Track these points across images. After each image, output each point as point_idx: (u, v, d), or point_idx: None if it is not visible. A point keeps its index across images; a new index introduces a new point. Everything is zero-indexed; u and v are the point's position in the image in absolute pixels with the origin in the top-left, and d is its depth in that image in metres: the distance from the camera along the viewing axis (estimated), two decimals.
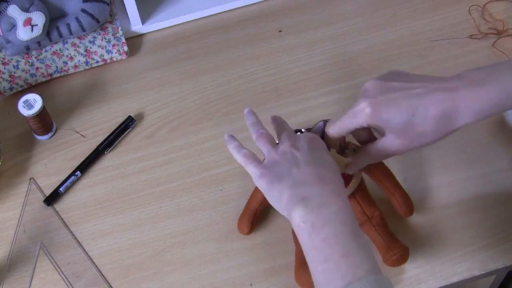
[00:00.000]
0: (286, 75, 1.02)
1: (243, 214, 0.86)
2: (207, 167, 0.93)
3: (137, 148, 0.96)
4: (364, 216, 0.83)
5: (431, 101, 0.69)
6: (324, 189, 0.68)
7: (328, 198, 0.67)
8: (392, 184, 0.84)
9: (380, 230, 0.82)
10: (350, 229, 0.65)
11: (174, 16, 1.08)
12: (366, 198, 0.84)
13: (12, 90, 1.01)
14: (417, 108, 0.70)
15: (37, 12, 0.97)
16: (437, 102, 0.69)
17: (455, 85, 0.70)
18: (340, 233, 0.65)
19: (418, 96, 0.70)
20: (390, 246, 0.81)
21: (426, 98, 0.70)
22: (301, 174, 0.69)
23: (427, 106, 0.69)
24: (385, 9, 1.08)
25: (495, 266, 0.83)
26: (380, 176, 0.84)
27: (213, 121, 0.98)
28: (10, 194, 0.93)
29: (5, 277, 0.86)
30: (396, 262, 0.81)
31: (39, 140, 0.97)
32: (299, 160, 0.70)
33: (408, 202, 0.84)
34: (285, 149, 0.72)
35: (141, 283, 0.85)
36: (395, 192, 0.84)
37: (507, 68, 0.70)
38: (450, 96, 0.69)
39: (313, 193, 0.67)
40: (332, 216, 0.66)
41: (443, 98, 0.69)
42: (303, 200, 0.67)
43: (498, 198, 0.88)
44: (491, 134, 0.93)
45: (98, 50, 1.03)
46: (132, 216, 0.90)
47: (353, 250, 0.64)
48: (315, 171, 0.69)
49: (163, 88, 1.02)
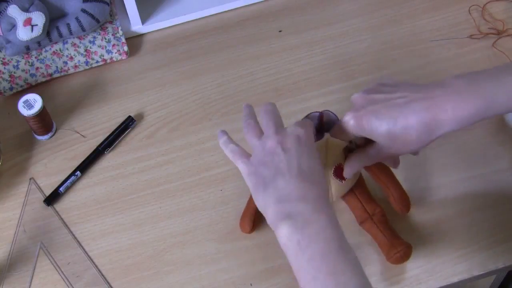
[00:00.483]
0: (286, 75, 1.02)
1: (245, 213, 0.86)
2: (207, 167, 0.93)
3: (137, 148, 0.96)
4: (365, 213, 0.83)
5: (410, 111, 0.70)
6: (308, 206, 0.67)
7: (312, 216, 0.66)
8: (389, 180, 0.84)
9: (382, 227, 0.82)
10: (337, 245, 0.65)
11: (174, 16, 1.08)
12: (366, 195, 0.84)
13: (12, 90, 1.01)
14: (396, 118, 0.71)
15: (37, 12, 0.97)
16: (417, 112, 0.70)
17: (436, 94, 0.70)
18: (326, 251, 0.64)
19: (398, 107, 0.71)
20: (393, 243, 0.81)
21: (405, 108, 0.71)
22: (286, 187, 0.68)
23: (407, 116, 0.70)
24: (385, 9, 1.08)
25: (495, 266, 0.83)
26: (377, 171, 0.84)
27: (213, 121, 0.98)
28: (10, 194, 0.93)
29: (5, 277, 0.86)
30: (400, 260, 0.81)
31: (39, 140, 0.97)
32: (285, 167, 0.69)
33: (404, 199, 0.83)
34: (272, 147, 0.71)
35: (141, 283, 0.85)
36: (391, 187, 0.83)
37: (488, 76, 0.70)
38: (429, 105, 0.70)
39: (297, 211, 0.66)
40: (317, 235, 0.65)
41: (422, 108, 0.70)
42: (288, 218, 0.66)
43: (498, 198, 0.88)
44: (491, 134, 0.93)
45: (98, 50, 1.03)
46: (132, 216, 0.90)
47: (340, 268, 0.63)
48: (300, 186, 0.68)
49: (163, 88, 1.02)
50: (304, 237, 0.65)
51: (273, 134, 0.73)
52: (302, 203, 0.67)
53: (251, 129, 0.76)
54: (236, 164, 0.74)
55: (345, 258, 0.64)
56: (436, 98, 0.70)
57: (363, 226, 0.84)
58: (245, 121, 0.77)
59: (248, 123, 0.77)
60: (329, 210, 0.68)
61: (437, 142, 0.93)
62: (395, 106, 0.71)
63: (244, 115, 0.78)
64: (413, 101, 0.71)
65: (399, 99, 0.72)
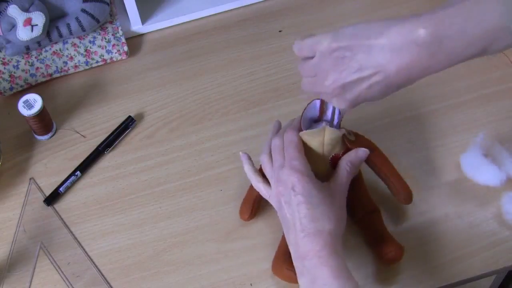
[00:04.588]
0: (286, 75, 1.02)
1: (245, 200, 0.87)
2: (207, 167, 0.93)
3: (137, 148, 0.96)
4: (362, 211, 0.84)
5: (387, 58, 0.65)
6: (312, 261, 0.71)
7: (316, 271, 0.70)
8: (389, 171, 0.83)
9: (377, 226, 0.83)
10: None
11: (174, 16, 1.08)
12: (364, 193, 0.85)
13: (12, 90, 1.01)
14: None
15: (37, 12, 0.97)
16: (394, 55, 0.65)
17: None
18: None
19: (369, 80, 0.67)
20: (386, 243, 0.81)
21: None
22: (295, 243, 0.73)
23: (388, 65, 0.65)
24: (385, 9, 1.08)
25: (495, 266, 0.83)
26: (377, 162, 0.83)
27: (213, 121, 0.98)
28: (10, 194, 0.93)
29: (5, 277, 0.86)
30: (391, 260, 0.81)
31: (39, 140, 0.97)
32: (290, 220, 0.74)
33: (406, 188, 0.83)
34: (277, 199, 0.77)
35: (141, 283, 0.85)
36: (393, 178, 0.83)
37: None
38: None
39: (305, 268, 0.71)
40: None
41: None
42: (301, 275, 0.72)
43: None
44: None
45: (98, 50, 1.03)
46: (132, 216, 0.90)
47: None
48: (304, 241, 0.72)
49: (163, 88, 1.02)
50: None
51: (274, 184, 0.78)
52: (307, 260, 0.71)
53: (264, 164, 0.81)
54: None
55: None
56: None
57: (358, 224, 0.84)
58: (262, 153, 0.82)
59: (262, 158, 0.81)
60: (333, 261, 0.70)
61: (436, 142, 0.93)
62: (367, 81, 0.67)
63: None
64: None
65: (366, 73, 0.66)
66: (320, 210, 0.73)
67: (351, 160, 0.79)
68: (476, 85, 0.99)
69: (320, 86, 0.71)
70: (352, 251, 0.85)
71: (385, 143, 0.90)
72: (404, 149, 0.93)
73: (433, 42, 0.62)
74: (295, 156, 0.76)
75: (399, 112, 0.97)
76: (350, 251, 0.84)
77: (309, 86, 0.73)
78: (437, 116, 0.96)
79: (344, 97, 0.70)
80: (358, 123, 0.92)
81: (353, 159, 0.79)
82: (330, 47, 0.67)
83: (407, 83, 0.66)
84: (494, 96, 0.97)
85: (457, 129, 0.94)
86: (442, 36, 0.62)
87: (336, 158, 0.80)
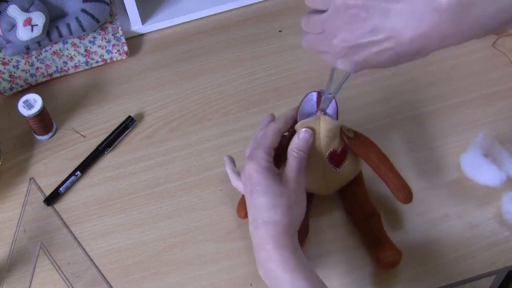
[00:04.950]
0: (286, 75, 1.02)
1: (241, 199, 0.87)
2: (207, 167, 0.93)
3: (137, 148, 0.96)
4: (362, 214, 0.83)
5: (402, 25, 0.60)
6: (261, 255, 0.72)
7: (265, 265, 0.72)
8: (388, 170, 0.81)
9: (377, 230, 0.83)
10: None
11: (174, 16, 1.08)
12: (365, 196, 0.84)
13: (12, 90, 1.01)
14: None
15: (37, 12, 0.97)
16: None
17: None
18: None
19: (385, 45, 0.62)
20: (385, 248, 0.81)
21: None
22: (252, 238, 0.74)
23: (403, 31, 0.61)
24: None
25: (495, 266, 0.83)
26: (375, 159, 0.82)
27: (213, 121, 0.98)
28: (10, 194, 0.93)
29: (5, 277, 0.86)
30: (389, 265, 0.81)
31: (39, 140, 0.97)
32: (248, 214, 0.75)
33: (405, 187, 0.81)
34: (249, 202, 0.76)
35: (141, 283, 0.85)
36: (391, 176, 0.81)
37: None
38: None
39: (259, 263, 0.73)
40: (272, 280, 0.71)
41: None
42: (259, 268, 0.73)
43: None
44: None
45: (98, 50, 1.03)
46: (132, 216, 0.90)
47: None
48: (259, 235, 0.72)
49: (163, 88, 1.02)
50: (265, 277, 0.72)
51: (242, 175, 0.77)
52: (257, 253, 0.72)
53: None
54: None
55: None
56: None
57: (358, 226, 0.84)
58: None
59: (246, 152, 0.81)
60: (278, 255, 0.70)
61: (436, 143, 0.93)
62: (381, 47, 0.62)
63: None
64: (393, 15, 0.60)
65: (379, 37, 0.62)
66: (266, 200, 0.72)
67: (295, 145, 0.77)
68: (476, 85, 0.99)
69: (327, 44, 0.65)
70: (351, 252, 0.85)
71: (385, 143, 0.91)
72: (404, 149, 0.93)
73: (458, 9, 0.56)
74: (259, 145, 0.76)
75: (399, 112, 0.97)
76: (350, 252, 0.85)
77: (313, 43, 0.68)
78: (437, 116, 0.96)
79: (350, 59, 0.65)
80: (358, 123, 0.92)
81: (297, 143, 0.77)
82: (346, 3, 0.62)
83: (421, 54, 0.62)
84: (494, 96, 0.97)
85: (457, 129, 0.94)
86: (469, 3, 0.56)
87: (334, 154, 0.80)
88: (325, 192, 0.84)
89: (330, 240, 0.86)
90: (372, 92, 0.99)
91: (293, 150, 0.77)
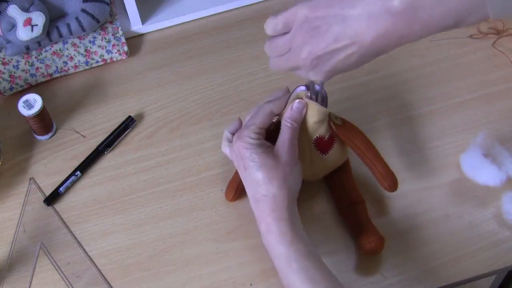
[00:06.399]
0: (286, 75, 1.01)
1: (229, 182, 0.88)
2: (207, 167, 0.93)
3: (137, 148, 0.96)
4: (348, 200, 0.84)
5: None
6: (262, 228, 0.76)
7: (265, 237, 0.75)
8: (374, 157, 0.81)
9: (361, 217, 0.83)
10: (284, 261, 0.72)
11: (174, 16, 1.08)
12: (350, 184, 0.86)
13: (12, 90, 1.01)
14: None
15: (37, 12, 0.97)
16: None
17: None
18: (278, 267, 0.74)
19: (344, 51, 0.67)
20: (368, 233, 0.82)
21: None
22: (254, 211, 0.77)
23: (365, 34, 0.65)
24: None
25: (495, 266, 0.83)
26: (362, 147, 0.82)
27: (213, 121, 0.98)
28: (10, 194, 0.93)
29: (5, 277, 0.86)
30: (371, 251, 0.82)
31: (39, 140, 0.97)
32: (247, 189, 0.78)
33: (390, 174, 0.81)
34: (244, 179, 0.78)
35: (141, 283, 0.85)
36: (377, 164, 0.81)
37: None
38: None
39: (261, 234, 0.76)
40: (272, 253, 0.75)
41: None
42: (263, 238, 0.76)
43: None
44: None
45: (98, 50, 1.03)
46: (132, 216, 0.90)
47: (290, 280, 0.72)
48: (255, 207, 0.76)
49: (163, 88, 1.02)
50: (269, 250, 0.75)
51: (231, 152, 0.80)
52: (259, 225, 0.76)
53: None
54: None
55: (293, 270, 0.71)
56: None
57: (343, 213, 0.85)
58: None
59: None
60: (276, 227, 0.73)
61: (436, 142, 0.93)
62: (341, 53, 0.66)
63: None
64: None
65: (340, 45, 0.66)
66: (261, 174, 0.75)
67: (288, 115, 0.79)
68: (476, 85, 0.99)
69: (295, 60, 0.69)
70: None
71: (385, 143, 0.91)
72: (404, 149, 0.93)
73: (408, 11, 0.61)
74: (250, 123, 0.78)
75: (399, 112, 0.97)
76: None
77: (282, 63, 0.72)
78: (437, 116, 0.96)
79: (321, 69, 0.69)
80: (358, 123, 0.92)
81: (290, 114, 0.79)
82: (306, 17, 0.67)
83: (384, 52, 0.66)
84: (494, 96, 0.97)
85: (457, 129, 0.94)
86: (417, 6, 0.61)
87: (321, 141, 0.80)
88: (311, 178, 0.85)
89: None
90: (372, 92, 0.99)
91: (287, 120, 0.79)
